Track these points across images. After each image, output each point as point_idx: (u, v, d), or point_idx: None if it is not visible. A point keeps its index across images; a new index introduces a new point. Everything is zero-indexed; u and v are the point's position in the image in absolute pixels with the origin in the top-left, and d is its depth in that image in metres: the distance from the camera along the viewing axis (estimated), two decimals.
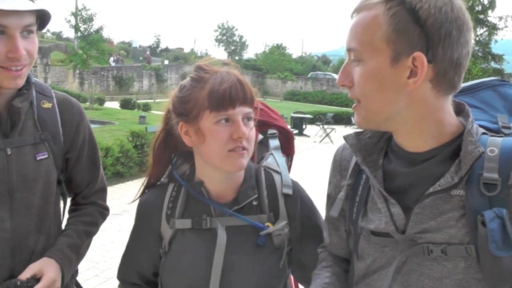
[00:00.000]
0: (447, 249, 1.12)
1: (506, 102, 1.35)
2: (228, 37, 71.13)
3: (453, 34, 1.06)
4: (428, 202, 1.14)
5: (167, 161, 1.63)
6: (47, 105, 1.78)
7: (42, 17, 1.64)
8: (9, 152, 1.63)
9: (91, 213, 1.93)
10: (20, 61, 1.54)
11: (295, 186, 1.60)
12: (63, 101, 1.84)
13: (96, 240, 1.68)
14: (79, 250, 1.83)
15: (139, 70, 38.42)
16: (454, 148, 1.15)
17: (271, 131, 1.80)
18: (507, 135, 1.20)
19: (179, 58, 55.89)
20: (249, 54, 70.86)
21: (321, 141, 18.31)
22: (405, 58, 1.07)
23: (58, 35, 68.30)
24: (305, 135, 20.06)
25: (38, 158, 1.70)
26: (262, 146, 1.77)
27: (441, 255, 1.13)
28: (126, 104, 25.62)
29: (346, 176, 1.38)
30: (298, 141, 17.27)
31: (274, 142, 1.77)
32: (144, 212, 1.61)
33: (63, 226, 1.92)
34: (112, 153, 9.29)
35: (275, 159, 1.67)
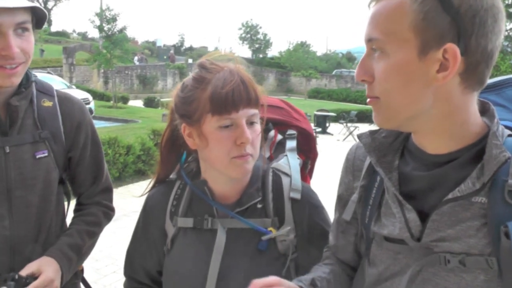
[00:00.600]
0: (465, 260, 1.02)
1: None
2: (252, 35, 71.32)
3: (488, 23, 0.95)
4: (446, 208, 1.04)
5: (174, 159, 1.59)
6: (47, 103, 1.75)
7: (38, 15, 1.60)
8: (7, 150, 1.61)
9: (95, 213, 1.89)
10: (14, 59, 1.50)
11: (305, 190, 1.51)
12: (64, 100, 1.81)
13: (115, 236, 1.67)
14: (80, 250, 1.79)
15: (163, 69, 38.86)
16: (477, 151, 1.04)
17: (290, 131, 1.71)
18: None
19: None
20: (273, 52, 71.16)
21: (344, 139, 18.16)
22: (435, 49, 0.97)
23: (83, 36, 69.72)
24: (329, 133, 19.93)
25: (37, 157, 1.67)
26: (281, 147, 1.68)
27: (459, 266, 1.03)
28: (150, 103, 25.88)
29: (359, 177, 1.28)
30: (321, 140, 17.20)
31: (290, 143, 1.67)
32: (150, 208, 1.58)
33: (67, 225, 1.89)
34: (133, 151, 9.34)
35: (287, 161, 1.58)
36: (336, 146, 16.43)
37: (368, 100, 1.10)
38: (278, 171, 1.54)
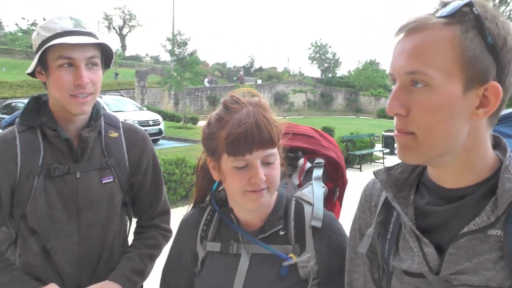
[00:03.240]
0: None
1: None
2: (321, 55, 71.20)
3: None
4: (463, 242, 1.06)
5: (209, 184, 1.69)
6: (113, 134, 1.97)
7: (106, 53, 1.85)
8: (78, 176, 1.84)
9: (154, 236, 2.06)
10: (85, 89, 1.74)
11: (327, 219, 1.55)
12: (128, 130, 2.03)
13: None
14: (143, 273, 1.97)
15: (232, 90, 39.28)
16: (491, 184, 1.06)
17: (318, 160, 1.77)
18: None
19: (272, 77, 56.38)
20: (342, 71, 70.52)
21: None
22: (478, 86, 0.99)
23: (155, 59, 72.14)
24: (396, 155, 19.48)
25: (103, 182, 1.88)
26: (310, 175, 1.75)
27: None
28: None
29: (376, 212, 1.31)
30: (388, 161, 16.76)
31: (317, 172, 1.74)
32: (183, 231, 1.69)
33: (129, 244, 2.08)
34: None
35: (312, 189, 1.65)
36: None
37: (397, 133, 1.08)
38: (301, 199, 1.60)
